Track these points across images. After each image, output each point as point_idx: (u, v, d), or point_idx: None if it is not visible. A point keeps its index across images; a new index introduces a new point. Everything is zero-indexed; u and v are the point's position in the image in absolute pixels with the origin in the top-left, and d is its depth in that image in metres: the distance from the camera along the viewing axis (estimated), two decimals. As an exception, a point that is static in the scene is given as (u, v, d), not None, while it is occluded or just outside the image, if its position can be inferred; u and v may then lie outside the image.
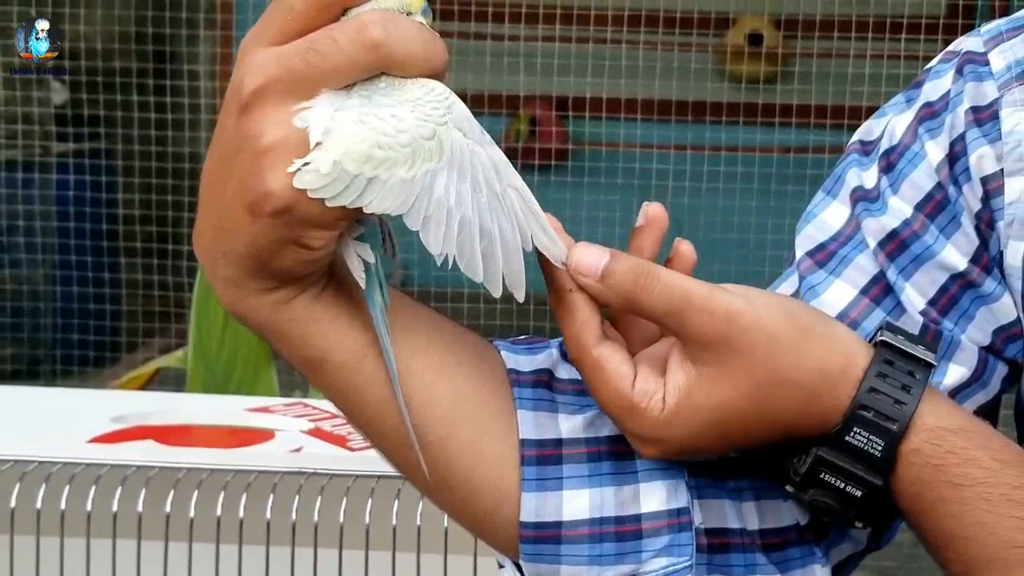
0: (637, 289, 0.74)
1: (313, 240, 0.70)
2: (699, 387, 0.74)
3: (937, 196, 0.83)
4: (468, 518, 0.80)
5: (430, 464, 0.76)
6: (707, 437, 0.75)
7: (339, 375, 0.75)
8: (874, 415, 0.74)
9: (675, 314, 0.74)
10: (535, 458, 0.78)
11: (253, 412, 1.74)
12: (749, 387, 0.74)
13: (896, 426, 0.74)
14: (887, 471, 0.75)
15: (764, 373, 0.74)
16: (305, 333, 0.74)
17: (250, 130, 0.68)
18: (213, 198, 0.71)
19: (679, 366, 0.75)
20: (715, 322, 0.73)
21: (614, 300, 0.74)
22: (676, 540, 0.78)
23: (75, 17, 4.30)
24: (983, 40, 0.85)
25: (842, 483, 0.75)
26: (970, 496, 0.74)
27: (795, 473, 0.76)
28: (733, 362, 0.73)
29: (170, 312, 4.39)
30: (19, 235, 4.40)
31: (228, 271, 0.71)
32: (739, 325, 0.73)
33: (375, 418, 0.76)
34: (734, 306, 0.74)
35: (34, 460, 1.50)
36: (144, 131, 4.34)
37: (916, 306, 0.82)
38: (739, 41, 4.72)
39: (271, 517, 1.46)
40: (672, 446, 0.75)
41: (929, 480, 0.75)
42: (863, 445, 0.74)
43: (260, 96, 0.68)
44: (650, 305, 0.74)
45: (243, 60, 0.69)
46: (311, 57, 0.67)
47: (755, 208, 4.20)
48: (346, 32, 0.67)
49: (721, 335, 0.73)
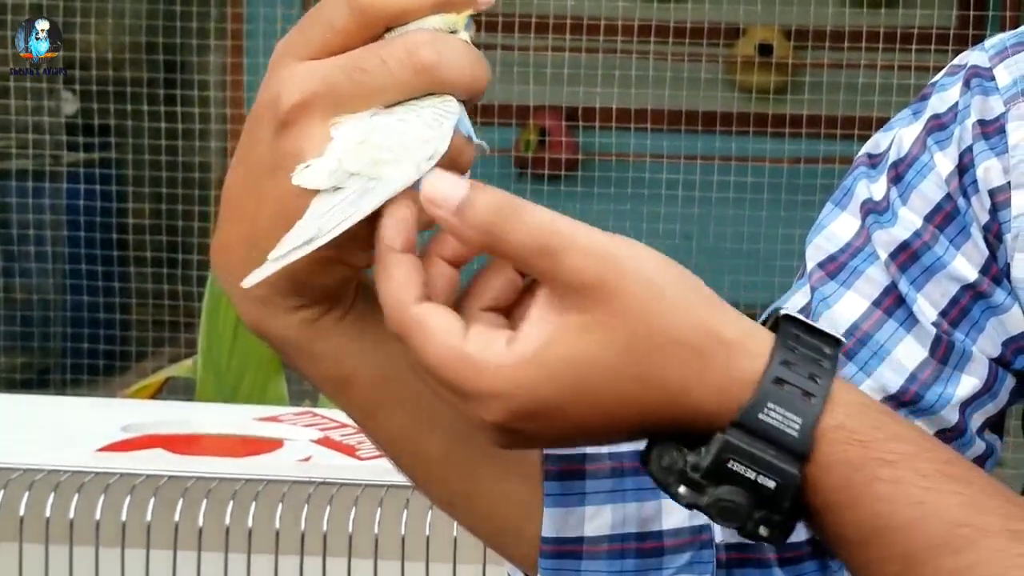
0: (501, 223, 0.62)
1: (356, 259, 0.68)
2: (562, 335, 0.62)
3: (946, 207, 0.83)
4: (490, 533, 0.79)
5: (455, 479, 0.75)
6: (569, 397, 0.63)
7: (366, 393, 0.73)
8: (788, 389, 0.64)
9: (547, 253, 0.62)
10: (558, 473, 0.77)
11: (262, 421, 1.75)
12: (623, 339, 0.63)
13: (814, 400, 0.64)
14: (805, 455, 0.64)
15: (643, 326, 0.63)
16: (334, 351, 0.72)
17: (290, 147, 0.66)
18: (245, 215, 0.68)
19: (540, 317, 0.63)
20: (593, 262, 0.62)
21: (473, 236, 0.63)
22: (698, 557, 0.77)
23: (86, 27, 4.31)
24: (988, 55, 0.85)
25: (754, 473, 0.63)
26: (905, 473, 0.64)
27: (695, 469, 0.64)
28: (606, 309, 0.62)
29: (180, 321, 4.40)
30: (29, 244, 4.41)
31: (259, 289, 0.68)
32: (620, 268, 0.63)
33: (400, 435, 0.75)
34: (616, 250, 0.63)
35: (43, 469, 1.51)
36: (154, 141, 4.35)
37: (928, 317, 0.82)
38: (749, 52, 4.71)
39: (280, 526, 1.46)
40: (519, 403, 0.62)
41: (857, 460, 0.64)
42: (779, 423, 0.63)
43: (301, 112, 0.65)
44: (518, 243, 0.62)
45: (277, 72, 0.67)
46: (357, 76, 0.65)
47: (765, 219, 4.20)
48: (395, 53, 0.65)
49: (598, 277, 0.62)
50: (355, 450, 1.60)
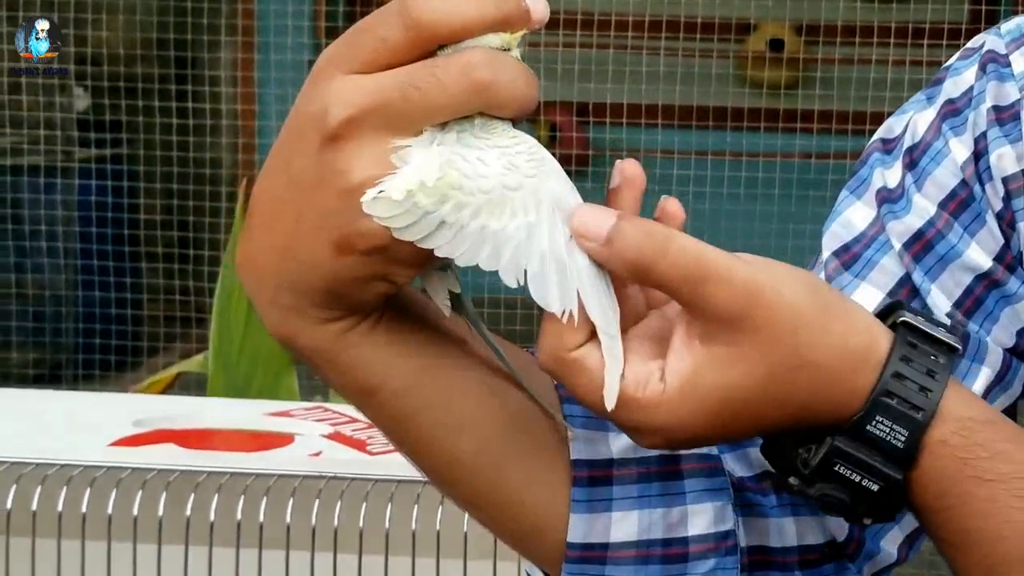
0: (648, 253, 0.65)
1: (400, 277, 0.67)
2: (709, 369, 0.66)
3: (961, 194, 0.83)
4: (516, 536, 0.78)
5: (482, 484, 0.75)
6: (715, 422, 0.67)
7: (394, 402, 0.72)
8: (898, 402, 0.67)
9: (691, 282, 0.65)
10: (586, 479, 0.76)
11: (273, 416, 1.75)
12: (766, 368, 0.66)
13: (922, 415, 0.67)
14: (909, 464, 0.68)
15: (784, 353, 0.66)
16: (364, 360, 0.71)
17: (338, 163, 0.64)
18: (280, 226, 0.67)
19: (685, 345, 0.66)
20: (736, 295, 0.65)
21: (621, 267, 0.65)
22: (722, 564, 0.77)
23: (97, 23, 4.32)
24: (1004, 41, 0.85)
25: (858, 476, 0.68)
26: (1000, 493, 0.68)
27: (804, 465, 0.69)
28: (751, 340, 0.66)
29: (191, 317, 4.41)
30: (42, 240, 4.42)
31: (292, 300, 0.68)
32: (762, 300, 0.66)
33: (427, 441, 0.74)
34: (757, 278, 0.66)
35: (55, 463, 1.51)
36: (166, 136, 4.35)
37: (942, 308, 0.82)
38: (760, 47, 4.71)
39: (291, 521, 1.46)
40: (677, 435, 0.67)
41: (955, 475, 0.68)
42: (885, 435, 0.67)
43: (351, 128, 0.64)
44: (663, 273, 0.65)
45: (322, 84, 0.65)
46: (411, 94, 0.63)
47: (776, 214, 4.20)
48: (451, 71, 0.63)
49: (742, 310, 0.65)
50: (366, 445, 1.60)
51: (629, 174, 0.70)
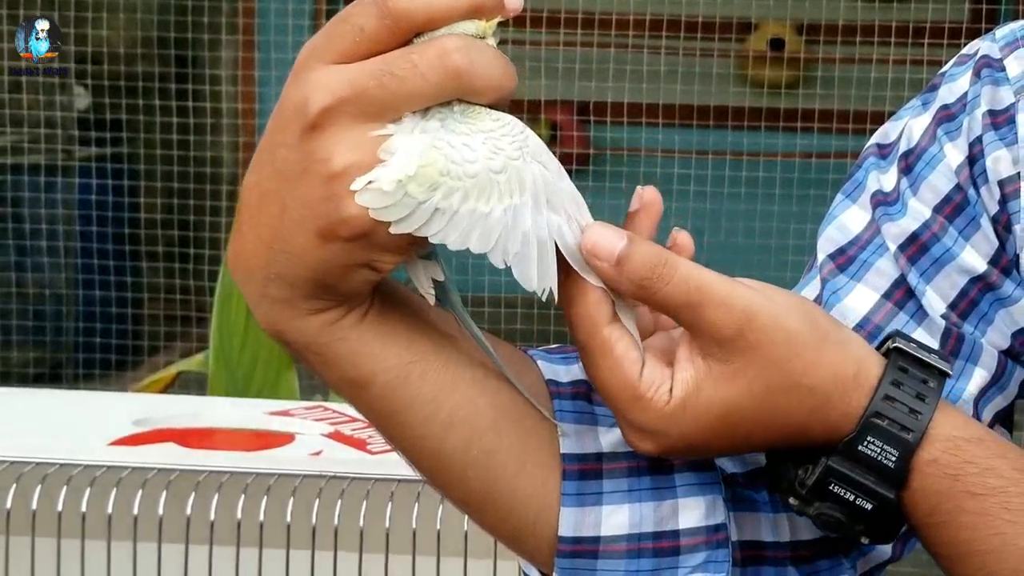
0: (653, 278, 0.70)
1: (384, 264, 0.68)
2: (708, 383, 0.71)
3: (956, 198, 0.83)
4: (507, 532, 0.79)
5: (473, 478, 0.75)
6: (709, 436, 0.72)
7: (384, 394, 0.73)
8: (888, 424, 0.72)
9: (692, 307, 0.70)
10: (576, 473, 0.77)
11: (273, 415, 1.75)
12: (761, 387, 0.71)
13: (911, 436, 0.72)
14: (900, 483, 0.72)
15: (778, 374, 0.71)
16: (353, 352, 0.72)
17: (319, 151, 0.65)
18: (266, 218, 0.68)
19: (688, 360, 0.71)
20: (733, 318, 0.70)
21: (628, 287, 0.70)
22: (713, 557, 0.77)
23: (98, 22, 4.32)
24: (999, 46, 0.85)
25: (852, 495, 0.72)
26: (991, 506, 0.72)
27: (801, 485, 0.73)
28: (747, 360, 0.70)
29: (191, 316, 4.41)
30: (42, 239, 4.42)
31: (280, 292, 0.69)
32: (757, 323, 0.70)
33: (417, 436, 0.75)
34: (754, 303, 0.71)
35: (55, 462, 1.51)
36: (166, 135, 4.35)
37: (938, 309, 0.82)
38: (761, 46, 4.71)
39: (291, 520, 1.46)
40: (672, 442, 0.72)
41: (946, 491, 0.72)
42: (876, 455, 0.72)
43: (330, 117, 0.65)
44: (666, 296, 0.70)
45: (303, 76, 0.66)
46: (388, 81, 0.65)
47: (777, 214, 4.20)
48: (427, 57, 0.65)
49: (738, 331, 0.70)
50: (366, 444, 1.60)
51: (647, 200, 0.73)
